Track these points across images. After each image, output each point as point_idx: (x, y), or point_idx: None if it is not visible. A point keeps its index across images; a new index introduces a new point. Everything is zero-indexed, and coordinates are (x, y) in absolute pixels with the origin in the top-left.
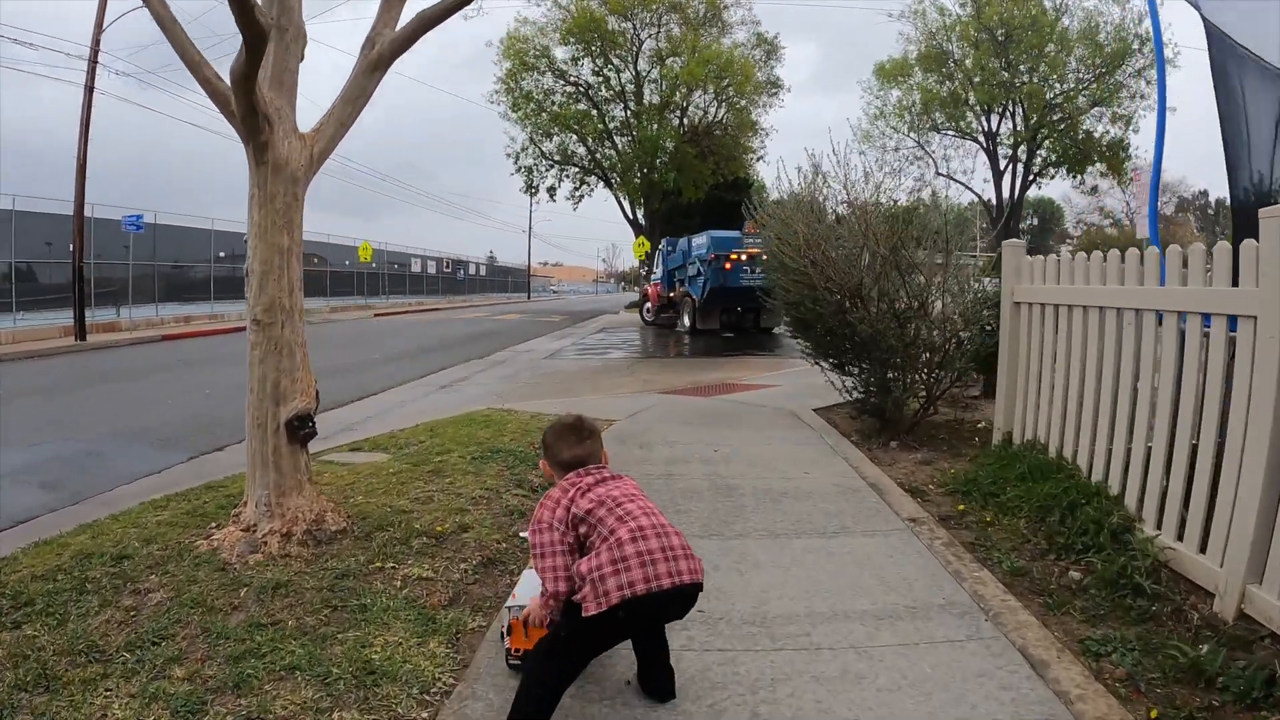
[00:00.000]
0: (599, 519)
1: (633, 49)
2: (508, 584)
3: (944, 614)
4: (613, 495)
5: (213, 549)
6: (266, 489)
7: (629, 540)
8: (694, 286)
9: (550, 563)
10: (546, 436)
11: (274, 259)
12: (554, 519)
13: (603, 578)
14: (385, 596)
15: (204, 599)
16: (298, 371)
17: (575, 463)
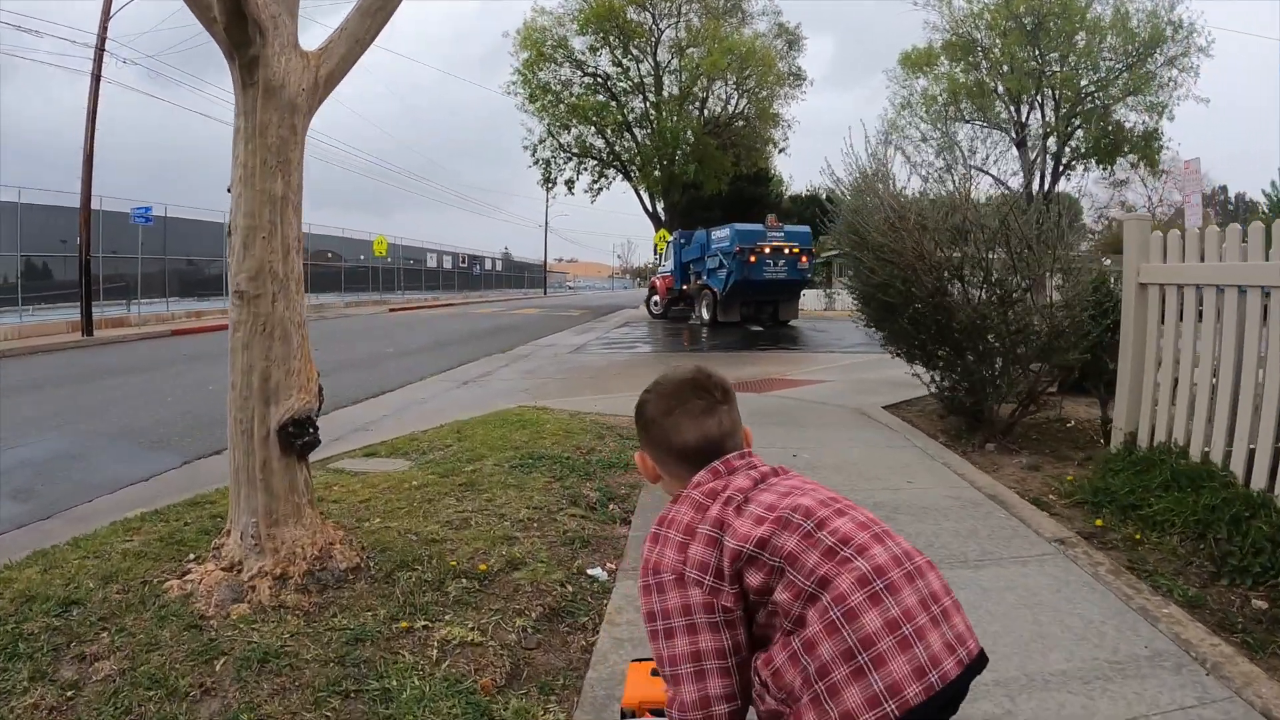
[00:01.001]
0: (790, 556)
1: (652, 39)
2: (583, 646)
3: (1156, 669)
4: (800, 505)
5: (185, 594)
6: (254, 515)
7: (865, 599)
8: (714, 279)
9: (689, 648)
10: (647, 408)
11: (263, 211)
12: (689, 565)
13: (834, 690)
14: (417, 674)
15: (166, 676)
16: (294, 361)
17: (708, 449)
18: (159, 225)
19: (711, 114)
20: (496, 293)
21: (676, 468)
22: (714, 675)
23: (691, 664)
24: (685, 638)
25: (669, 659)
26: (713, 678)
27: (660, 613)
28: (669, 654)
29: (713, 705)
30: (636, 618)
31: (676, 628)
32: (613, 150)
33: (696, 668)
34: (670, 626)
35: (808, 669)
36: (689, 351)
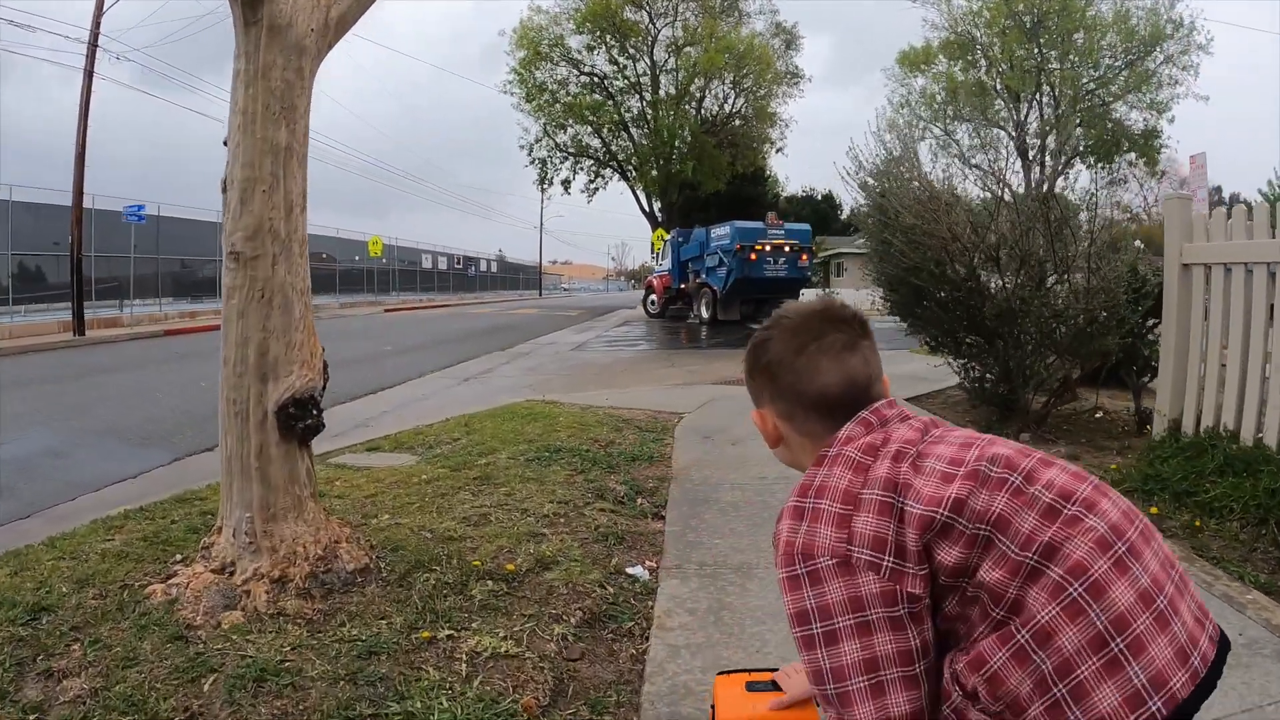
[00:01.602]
0: (999, 520)
1: (648, 39)
2: (632, 655)
3: (1256, 657)
4: (997, 455)
5: (169, 600)
6: (248, 510)
7: (1110, 568)
8: (714, 277)
9: (861, 655)
10: (771, 347)
11: (264, 162)
12: (857, 544)
13: (1080, 692)
14: (445, 693)
15: (145, 697)
16: (296, 333)
17: (853, 396)
18: (151, 225)
19: (708, 113)
20: (491, 294)
21: (811, 422)
22: (897, 688)
23: (866, 676)
24: (856, 641)
25: (833, 672)
26: (895, 691)
27: (817, 611)
28: (833, 666)
29: None
30: (690, 621)
31: (842, 629)
32: (609, 150)
33: (873, 680)
34: (833, 629)
35: (1042, 668)
36: (693, 348)
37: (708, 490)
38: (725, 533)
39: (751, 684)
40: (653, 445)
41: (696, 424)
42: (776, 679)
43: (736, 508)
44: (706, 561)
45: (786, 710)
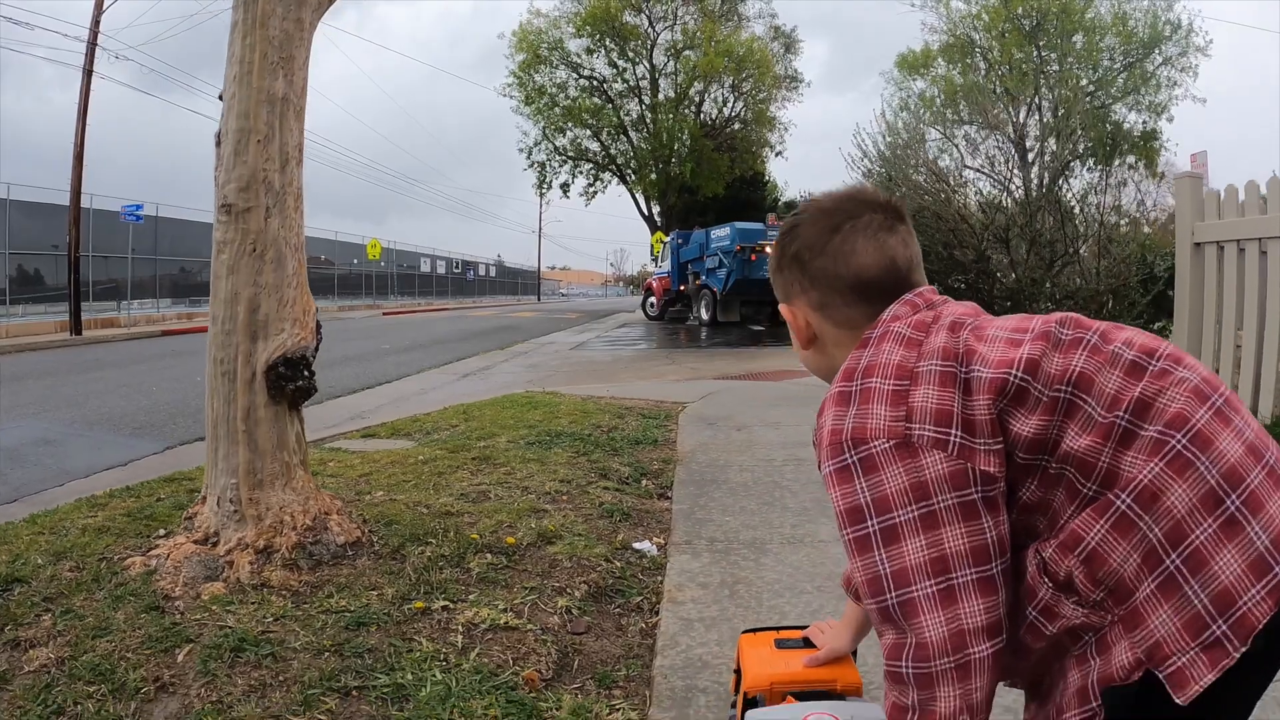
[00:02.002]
0: (1080, 378)
1: (648, 42)
2: (642, 630)
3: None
4: (1066, 318)
5: (148, 571)
6: (234, 476)
7: (1212, 418)
8: (714, 278)
9: (926, 554)
10: (802, 231)
11: (260, 112)
12: (918, 420)
13: (1197, 560)
14: (438, 665)
15: (113, 667)
16: (288, 290)
17: (895, 279)
18: (149, 225)
19: (708, 117)
20: (489, 299)
21: (849, 309)
22: (971, 594)
23: (934, 579)
24: (920, 537)
25: (894, 577)
26: (969, 598)
27: (873, 505)
28: (893, 569)
29: (970, 644)
30: (703, 595)
31: (904, 523)
32: (608, 153)
33: (942, 584)
34: (892, 524)
35: (1150, 536)
36: (693, 347)
37: (715, 472)
38: (736, 511)
39: (781, 641)
40: (656, 431)
41: (701, 412)
42: (808, 635)
43: (746, 488)
44: (717, 538)
45: (823, 666)
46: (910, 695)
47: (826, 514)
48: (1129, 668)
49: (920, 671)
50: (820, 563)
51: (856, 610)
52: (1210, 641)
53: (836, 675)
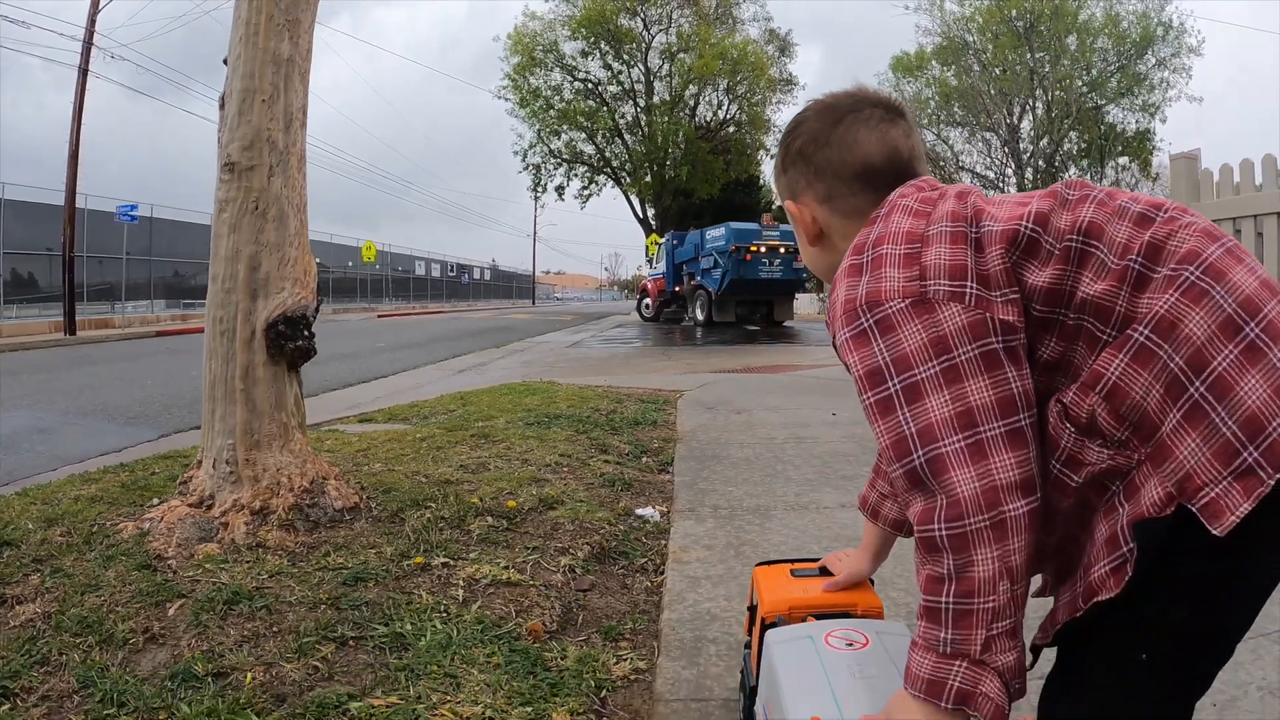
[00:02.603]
0: (1091, 227)
1: (643, 45)
2: (647, 588)
3: None
4: (1069, 181)
5: (140, 532)
6: (230, 436)
7: (1224, 254)
8: (709, 279)
9: (950, 408)
10: (805, 126)
11: (265, 72)
12: (932, 277)
13: (1221, 386)
14: (439, 616)
15: (101, 618)
16: (290, 249)
17: (898, 168)
18: (144, 226)
19: (702, 119)
20: (484, 302)
21: (856, 197)
22: (1000, 447)
23: (961, 434)
24: (944, 392)
25: (920, 435)
26: (999, 451)
27: (893, 365)
28: (919, 427)
29: (1004, 500)
30: (709, 555)
31: (926, 380)
32: (603, 156)
33: (970, 438)
34: (914, 381)
35: (1171, 365)
36: (689, 345)
37: (716, 449)
38: (738, 482)
39: (797, 571)
40: (655, 414)
41: (699, 398)
42: (825, 564)
43: (748, 462)
44: (721, 505)
45: (842, 591)
46: (945, 561)
47: (830, 484)
48: (1161, 503)
49: (954, 532)
50: (826, 526)
51: (873, 534)
52: (1243, 469)
53: (856, 599)
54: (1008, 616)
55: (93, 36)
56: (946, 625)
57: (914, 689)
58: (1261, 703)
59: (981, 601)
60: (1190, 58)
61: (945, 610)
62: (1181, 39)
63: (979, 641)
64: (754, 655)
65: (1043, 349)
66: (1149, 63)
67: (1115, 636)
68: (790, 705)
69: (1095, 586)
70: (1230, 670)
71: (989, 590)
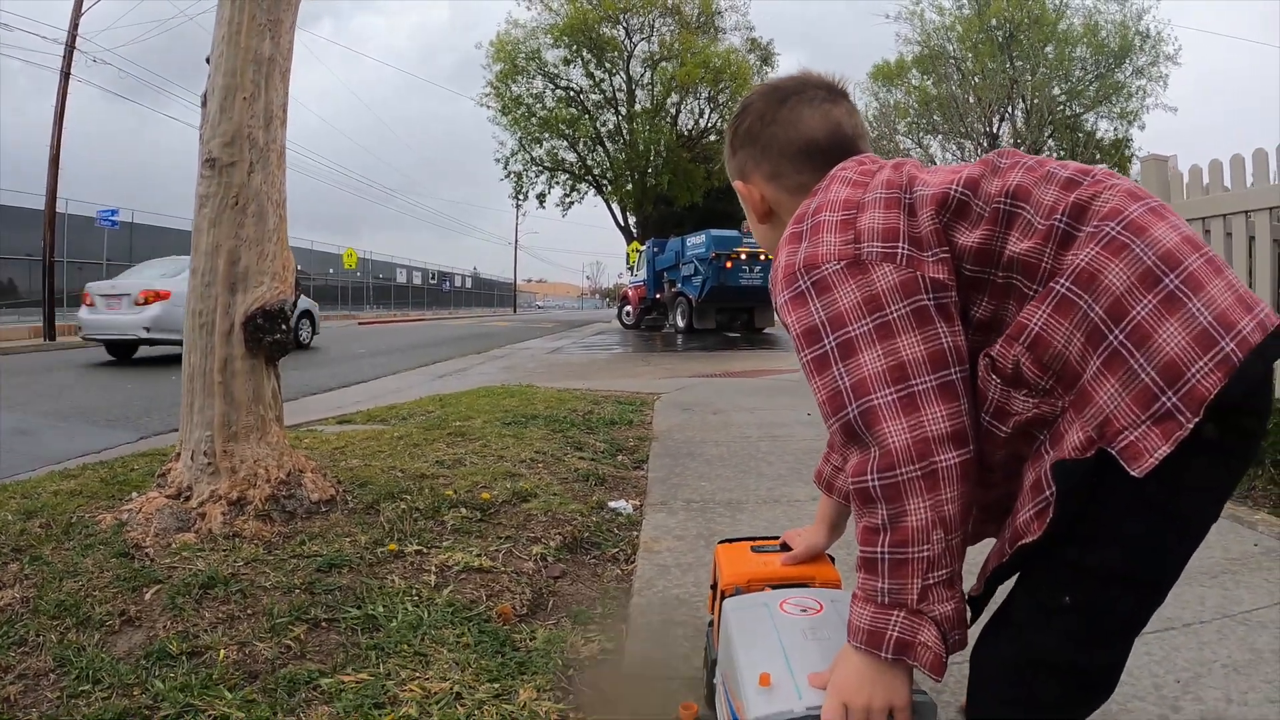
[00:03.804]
0: (1019, 190)
1: (625, 53)
2: (618, 576)
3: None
4: (1001, 150)
5: (119, 522)
6: (208, 429)
7: (1146, 212)
8: (689, 286)
9: (883, 362)
10: (752, 107)
11: (247, 70)
12: (866, 239)
13: (1140, 334)
14: (410, 599)
15: (78, 602)
16: (269, 244)
17: (841, 146)
18: (125, 232)
19: (684, 128)
20: (466, 310)
21: (801, 174)
22: (932, 400)
23: (893, 387)
24: (876, 348)
25: (854, 389)
26: (930, 403)
27: (828, 323)
28: (853, 381)
29: (935, 451)
30: (679, 545)
31: (859, 336)
32: (585, 163)
33: (902, 391)
34: (848, 337)
35: (1091, 314)
36: (669, 351)
37: (690, 447)
38: (711, 478)
39: (757, 547)
40: (632, 415)
41: (676, 400)
42: (784, 539)
43: (722, 459)
44: (693, 499)
45: (800, 565)
46: (879, 512)
47: (802, 479)
48: (1081, 446)
49: (886, 482)
50: (796, 518)
51: (828, 508)
52: (1161, 413)
53: (814, 572)
54: (944, 566)
55: (75, 40)
56: (883, 575)
57: (855, 640)
58: (1226, 679)
59: (916, 550)
60: (1168, 66)
61: (881, 560)
62: (1159, 48)
63: (915, 590)
64: (716, 630)
65: (975, 308)
66: (1127, 71)
67: (1039, 580)
68: (743, 665)
69: (1020, 531)
70: (1195, 649)
71: (922, 539)
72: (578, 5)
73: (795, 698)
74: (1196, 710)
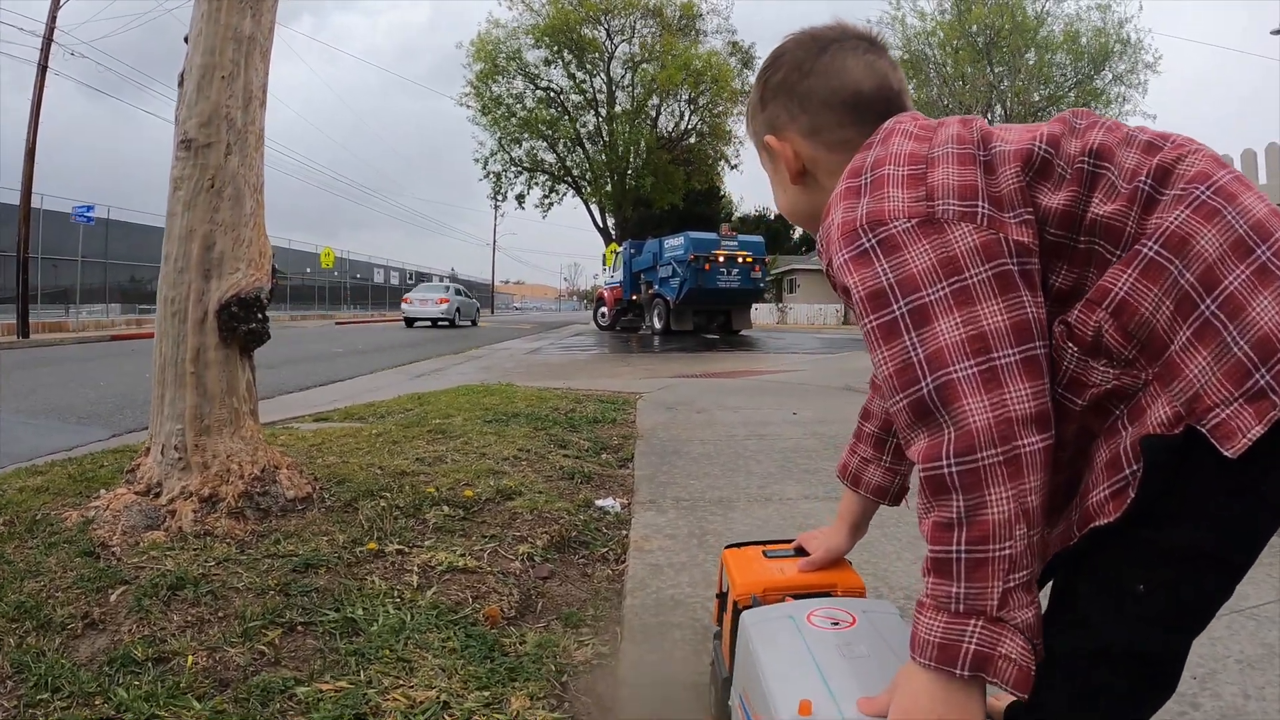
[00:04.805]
0: (1101, 149)
1: (605, 55)
2: (609, 577)
3: None
4: (1079, 111)
5: (85, 520)
6: (180, 421)
7: (1233, 180)
8: (667, 288)
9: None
10: (787, 56)
11: (226, 49)
12: (940, 196)
13: (1233, 305)
14: (392, 601)
15: (39, 604)
16: (245, 229)
17: (886, 99)
18: (100, 229)
19: (664, 130)
20: None
21: (845, 129)
22: (1016, 376)
23: (974, 359)
24: (954, 315)
25: (929, 360)
26: (1015, 380)
27: (898, 286)
28: (928, 352)
29: (1019, 433)
30: (671, 544)
31: (935, 302)
32: (564, 164)
33: (984, 364)
34: (922, 303)
35: (1181, 281)
36: (647, 352)
37: (676, 445)
38: (700, 476)
39: (770, 551)
40: (615, 413)
41: (659, 399)
42: (800, 543)
43: (709, 457)
44: (683, 497)
45: (820, 571)
46: (955, 503)
47: (793, 477)
48: (1169, 422)
49: (965, 467)
50: (790, 516)
51: (853, 505)
52: (1254, 391)
53: (836, 579)
54: (1024, 567)
55: (53, 33)
56: (959, 578)
57: (923, 657)
58: (1241, 674)
59: (997, 548)
60: (1147, 74)
61: (957, 560)
62: (1139, 55)
63: (996, 595)
64: (725, 644)
65: (1055, 277)
66: (1106, 78)
67: (1111, 566)
68: (774, 689)
69: (1093, 512)
70: (1208, 645)
71: (1005, 535)
72: (559, 6)
73: None
74: (1216, 707)
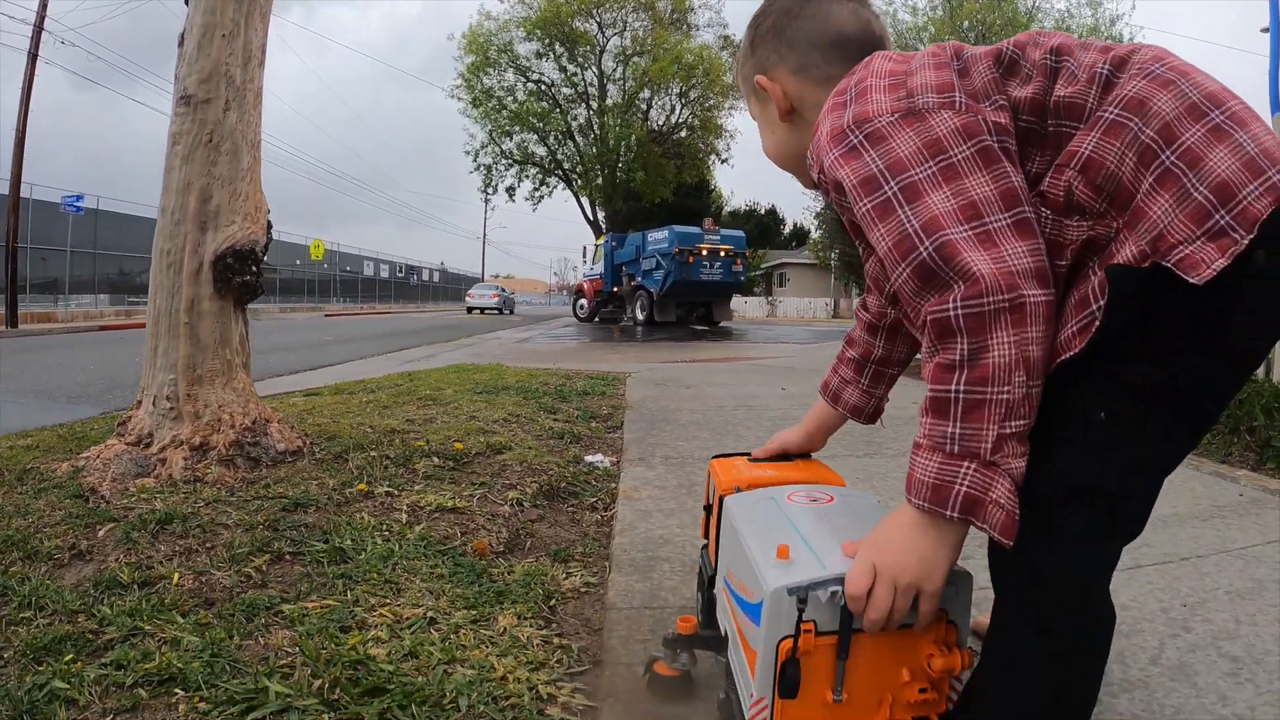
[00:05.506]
0: (1061, 48)
1: (597, 48)
2: (597, 522)
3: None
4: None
5: (75, 469)
6: (173, 371)
7: (1185, 64)
8: (650, 280)
9: (953, 201)
10: (775, 5)
11: (227, 9)
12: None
13: (1191, 156)
14: (381, 534)
15: (26, 538)
16: (242, 183)
17: (869, 43)
18: (89, 219)
19: (655, 124)
20: (433, 304)
21: (831, 66)
22: (1009, 235)
23: (967, 224)
24: (943, 188)
25: (924, 227)
26: (1008, 239)
27: (888, 170)
28: (921, 223)
29: (1023, 284)
30: (660, 494)
31: (924, 179)
32: (555, 157)
33: (977, 228)
34: (911, 181)
35: (1142, 136)
36: (633, 342)
37: (666, 414)
38: (688, 439)
39: (755, 458)
40: (604, 388)
41: (648, 376)
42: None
43: (698, 424)
44: (672, 456)
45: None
46: (959, 345)
47: None
48: (1135, 259)
49: (971, 310)
50: None
51: (822, 416)
52: (1215, 230)
53: (818, 476)
54: (1021, 416)
55: (44, 20)
56: (955, 418)
57: (916, 497)
58: (1232, 604)
59: (995, 391)
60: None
61: (955, 399)
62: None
63: (990, 439)
64: (711, 544)
65: (1030, 164)
66: None
67: (1077, 397)
68: (753, 546)
69: (1061, 348)
70: (1197, 578)
71: (1004, 379)
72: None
73: (818, 567)
74: (1207, 630)
